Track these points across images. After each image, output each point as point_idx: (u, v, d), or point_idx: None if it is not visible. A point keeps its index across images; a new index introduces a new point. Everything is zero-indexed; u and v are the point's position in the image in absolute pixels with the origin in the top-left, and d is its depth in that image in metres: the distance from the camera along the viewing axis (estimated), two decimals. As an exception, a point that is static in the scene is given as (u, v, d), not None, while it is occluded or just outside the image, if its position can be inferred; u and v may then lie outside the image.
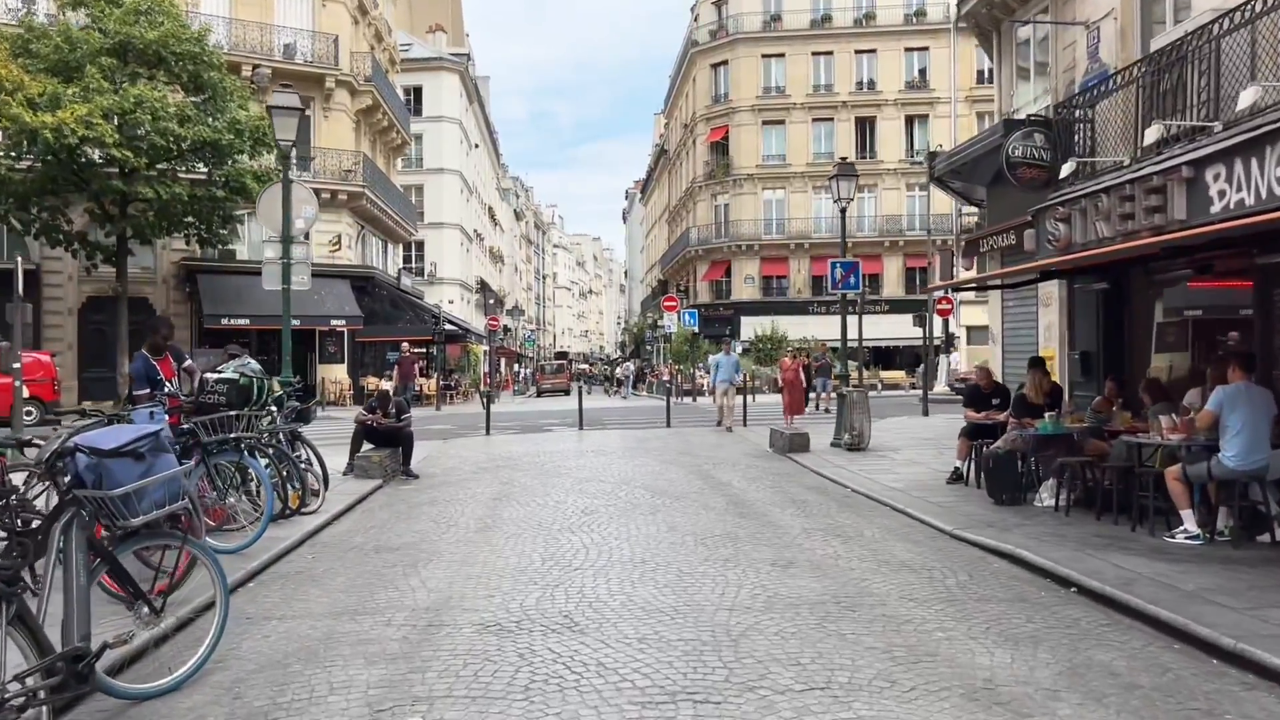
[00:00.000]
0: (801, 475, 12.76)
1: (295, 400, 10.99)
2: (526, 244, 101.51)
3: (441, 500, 10.53)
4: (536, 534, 8.31)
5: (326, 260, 32.41)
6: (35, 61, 23.21)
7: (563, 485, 11.44)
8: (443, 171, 52.73)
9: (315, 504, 9.40)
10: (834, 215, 50.25)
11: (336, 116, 32.77)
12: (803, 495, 10.84)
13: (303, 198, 11.69)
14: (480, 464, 14.04)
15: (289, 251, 11.48)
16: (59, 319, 28.92)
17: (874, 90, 50.17)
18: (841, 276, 15.80)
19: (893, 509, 9.85)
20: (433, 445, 16.94)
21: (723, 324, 49.71)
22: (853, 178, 16.16)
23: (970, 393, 11.64)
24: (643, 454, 15.18)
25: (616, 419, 24.75)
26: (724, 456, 14.84)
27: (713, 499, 10.40)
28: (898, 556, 7.51)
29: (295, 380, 11.03)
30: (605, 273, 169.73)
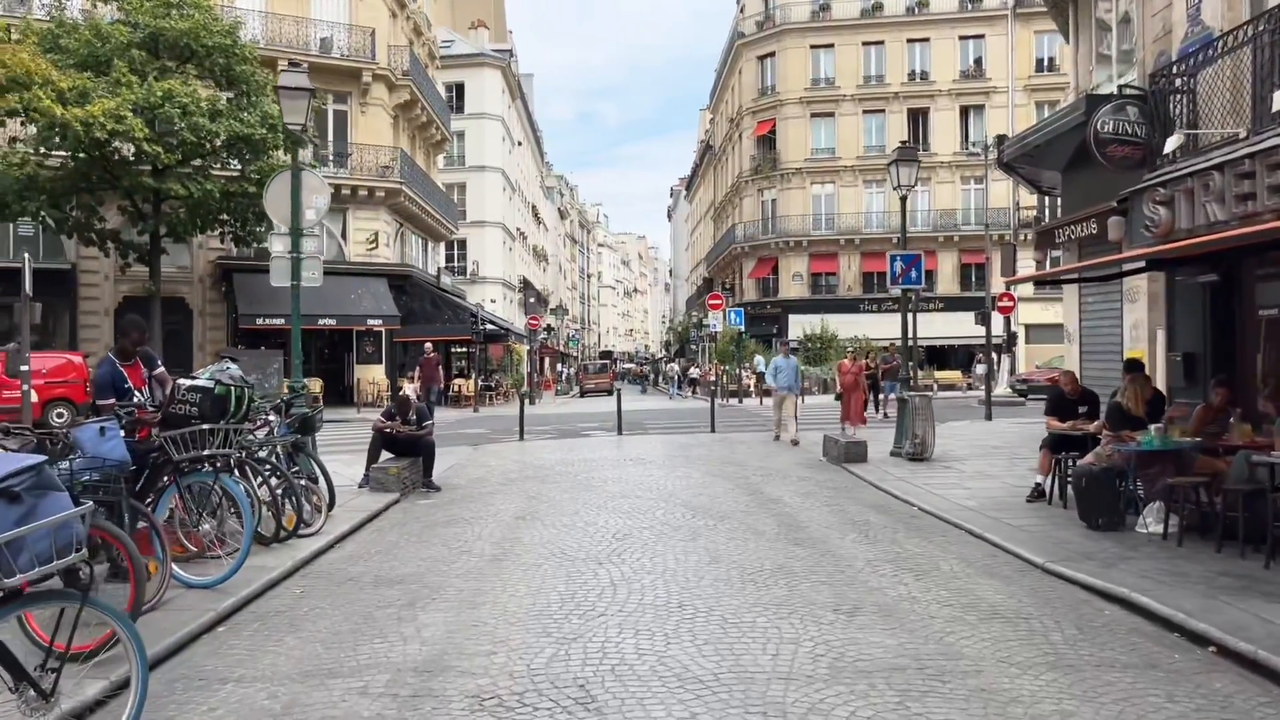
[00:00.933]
0: (860, 490, 11.53)
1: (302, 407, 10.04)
2: (571, 243, 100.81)
3: (460, 519, 9.49)
4: (558, 565, 7.22)
5: (364, 259, 31.78)
6: (65, 57, 22.73)
7: (594, 502, 10.35)
8: (484, 169, 52.04)
9: (317, 524, 8.42)
10: (886, 210, 48.81)
11: (374, 111, 32.07)
12: (863, 515, 9.63)
13: (314, 186, 10.76)
14: (509, 474, 13.01)
15: (299, 245, 10.54)
16: (95, 319, 28.55)
17: (927, 80, 48.44)
18: (902, 270, 14.51)
19: (969, 534, 8.61)
20: (462, 452, 15.98)
21: (769, 323, 48.39)
22: (914, 163, 14.87)
23: (1054, 399, 10.32)
24: (685, 463, 14.04)
25: (658, 423, 23.63)
26: (773, 467, 13.65)
27: (762, 520, 9.23)
28: (984, 599, 6.30)
29: (302, 385, 10.06)
30: (650, 271, 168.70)
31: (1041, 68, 48.89)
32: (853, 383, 17.99)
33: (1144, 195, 9.98)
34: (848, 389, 18.03)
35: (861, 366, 18.79)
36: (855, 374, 18.22)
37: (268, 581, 6.76)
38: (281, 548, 7.72)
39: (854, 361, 18.88)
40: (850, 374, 18.17)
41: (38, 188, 22.64)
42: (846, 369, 18.45)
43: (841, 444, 14.04)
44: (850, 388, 17.97)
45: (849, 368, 18.48)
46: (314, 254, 10.80)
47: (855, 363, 18.73)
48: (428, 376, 21.81)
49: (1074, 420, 9.88)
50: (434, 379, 22.14)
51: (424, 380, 21.42)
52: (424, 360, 22.73)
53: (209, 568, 6.65)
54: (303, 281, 10.83)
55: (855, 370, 18.20)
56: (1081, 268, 10.80)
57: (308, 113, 10.63)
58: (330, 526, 8.69)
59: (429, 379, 21.83)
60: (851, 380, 18.00)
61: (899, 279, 14.58)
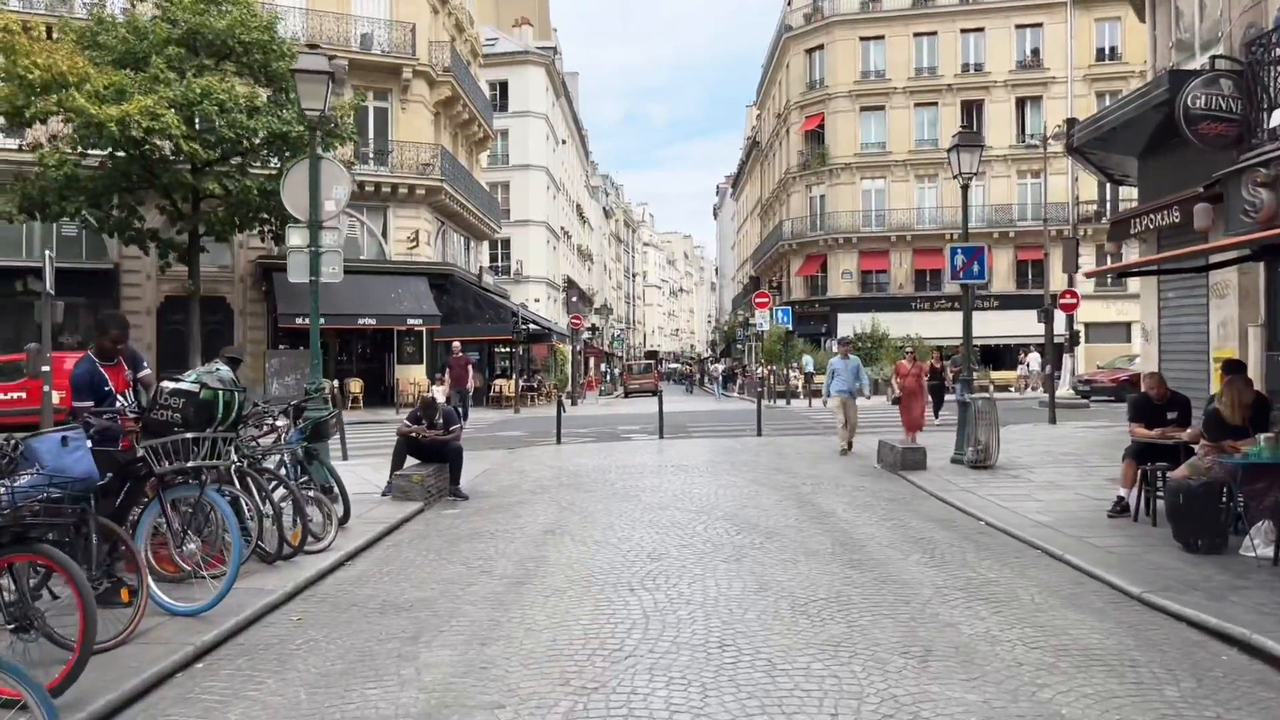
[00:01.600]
0: (920, 501, 10.61)
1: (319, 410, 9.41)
2: (616, 242, 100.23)
3: (484, 533, 8.77)
4: (585, 591, 6.45)
5: (404, 257, 31.38)
6: (103, 54, 22.54)
7: (630, 514, 9.56)
8: (528, 168, 51.57)
9: (328, 538, 7.75)
10: (938, 206, 47.42)
11: (414, 108, 31.65)
12: (927, 531, 8.73)
13: (334, 176, 10.14)
14: (542, 481, 12.28)
15: (318, 238, 9.92)
16: (138, 319, 28.37)
17: (981, 72, 46.91)
18: (963, 264, 13.50)
19: (1047, 554, 7.68)
20: (496, 456, 15.30)
21: (817, 322, 47.28)
22: (976, 148, 13.84)
23: (1138, 404, 9.30)
24: (729, 470, 13.20)
25: (702, 425, 22.79)
26: (824, 475, 12.75)
27: (814, 537, 8.38)
28: (1077, 638, 5.40)
29: (319, 387, 9.42)
30: (696, 271, 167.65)
31: (1103, 57, 47.12)
32: (914, 386, 15.83)
33: (1242, 177, 8.96)
34: (908, 393, 15.81)
35: (922, 368, 16.51)
36: (916, 376, 15.99)
37: (264, 606, 6.09)
38: (286, 566, 7.06)
39: (914, 362, 16.38)
40: (911, 376, 15.94)
41: (77, 187, 22.48)
42: (906, 370, 16.11)
43: (898, 450, 13.10)
44: (911, 392, 15.80)
45: (908, 369, 16.12)
46: (333, 248, 10.16)
47: (916, 363, 16.51)
48: (457, 377, 20.66)
49: (1163, 428, 8.87)
50: (463, 380, 20.96)
51: (453, 381, 20.48)
52: (452, 360, 21.37)
53: (200, 590, 5.99)
54: (322, 277, 10.21)
55: (916, 372, 16.08)
56: (1171, 257, 9.74)
57: (326, 98, 9.99)
58: (343, 541, 8.01)
59: (458, 380, 20.70)
60: (913, 384, 15.86)
61: (959, 273, 13.57)
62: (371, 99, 31.15)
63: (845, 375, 15.33)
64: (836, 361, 15.73)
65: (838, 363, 15.64)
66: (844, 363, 15.53)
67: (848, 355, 15.84)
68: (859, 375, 15.48)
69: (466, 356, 21.62)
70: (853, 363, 15.58)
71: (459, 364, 20.88)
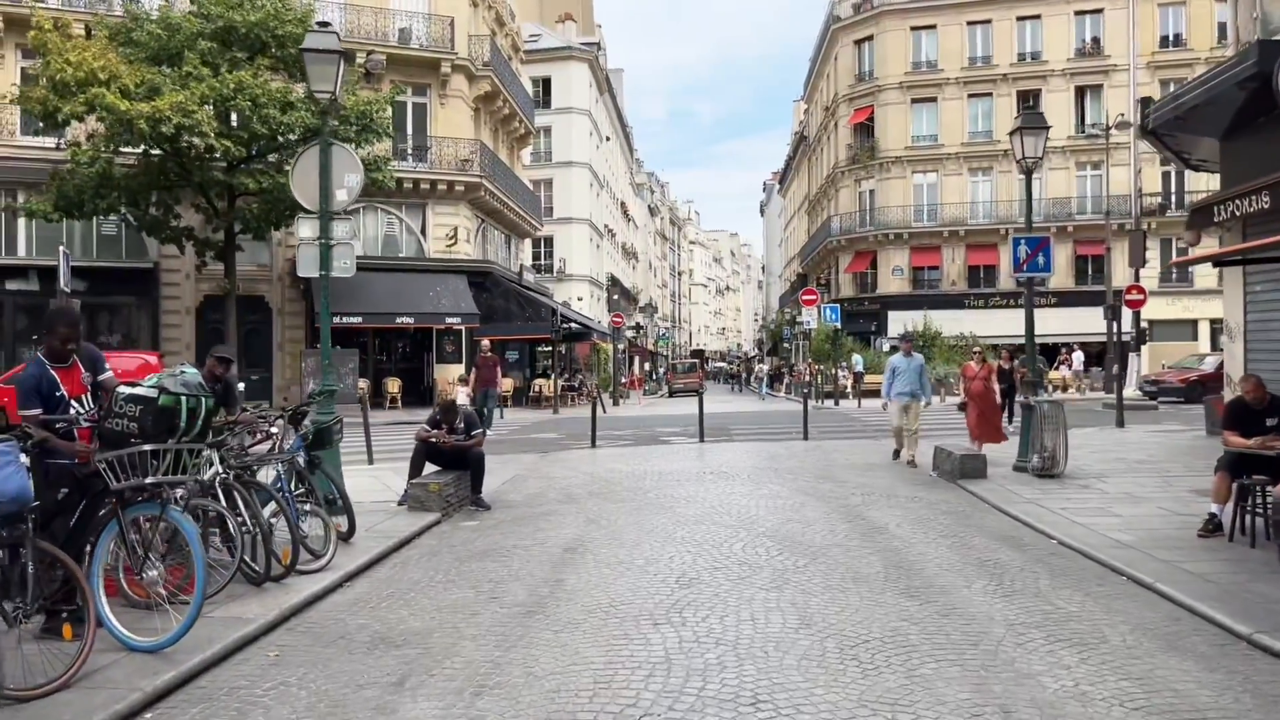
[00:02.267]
0: (983, 515, 9.66)
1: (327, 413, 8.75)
2: (661, 240, 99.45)
3: (500, 549, 8.02)
4: (602, 625, 5.66)
5: (443, 255, 30.90)
6: (137, 51, 22.29)
7: (661, 529, 8.75)
8: (571, 165, 50.99)
9: (327, 556, 7.06)
10: (992, 200, 45.87)
11: (454, 104, 31.14)
12: (992, 552, 7.81)
13: (346, 164, 9.47)
14: (571, 489, 11.52)
15: (329, 230, 9.27)
16: (177, 318, 28.32)
17: (1038, 61, 45.29)
18: (1026, 256, 12.47)
19: (1134, 582, 6.73)
20: (527, 461, 14.58)
21: (867, 319, 46.05)
22: (1041, 131, 12.78)
23: (1234, 410, 8.27)
24: (773, 478, 12.32)
25: (745, 427, 21.89)
26: (876, 484, 11.83)
27: (864, 558, 7.50)
28: (1184, 694, 4.49)
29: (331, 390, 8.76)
30: (743, 269, 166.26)
31: (1166, 44, 45.24)
32: (982, 390, 13.85)
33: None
34: (976, 398, 13.82)
35: (991, 369, 14.41)
36: (984, 379, 13.99)
37: (238, 640, 5.39)
38: (275, 589, 6.37)
39: (982, 363, 14.29)
40: (979, 379, 13.94)
41: (112, 185, 22.27)
42: (973, 373, 14.09)
43: (956, 457, 12.12)
44: (979, 397, 13.82)
45: (976, 371, 14.09)
46: (345, 240, 9.48)
47: (984, 364, 14.25)
48: (484, 379, 19.11)
49: (1262, 437, 7.84)
50: (491, 381, 19.29)
51: (480, 383, 19.11)
52: (480, 359, 19.81)
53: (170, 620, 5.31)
54: (334, 272, 9.55)
55: (984, 375, 14.04)
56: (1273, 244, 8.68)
57: (337, 80, 9.32)
58: (345, 558, 7.32)
59: (486, 381, 19.13)
60: (980, 387, 13.87)
61: (1023, 266, 12.54)
62: (410, 94, 30.71)
63: (908, 376, 13.70)
64: (897, 360, 13.95)
65: (899, 361, 13.91)
66: (906, 361, 13.84)
67: (910, 353, 14.07)
68: (923, 376, 13.83)
69: (495, 356, 20.34)
70: (916, 362, 13.87)
71: (488, 364, 19.53)
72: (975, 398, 13.83)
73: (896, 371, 13.82)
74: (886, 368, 14.15)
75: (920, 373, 13.79)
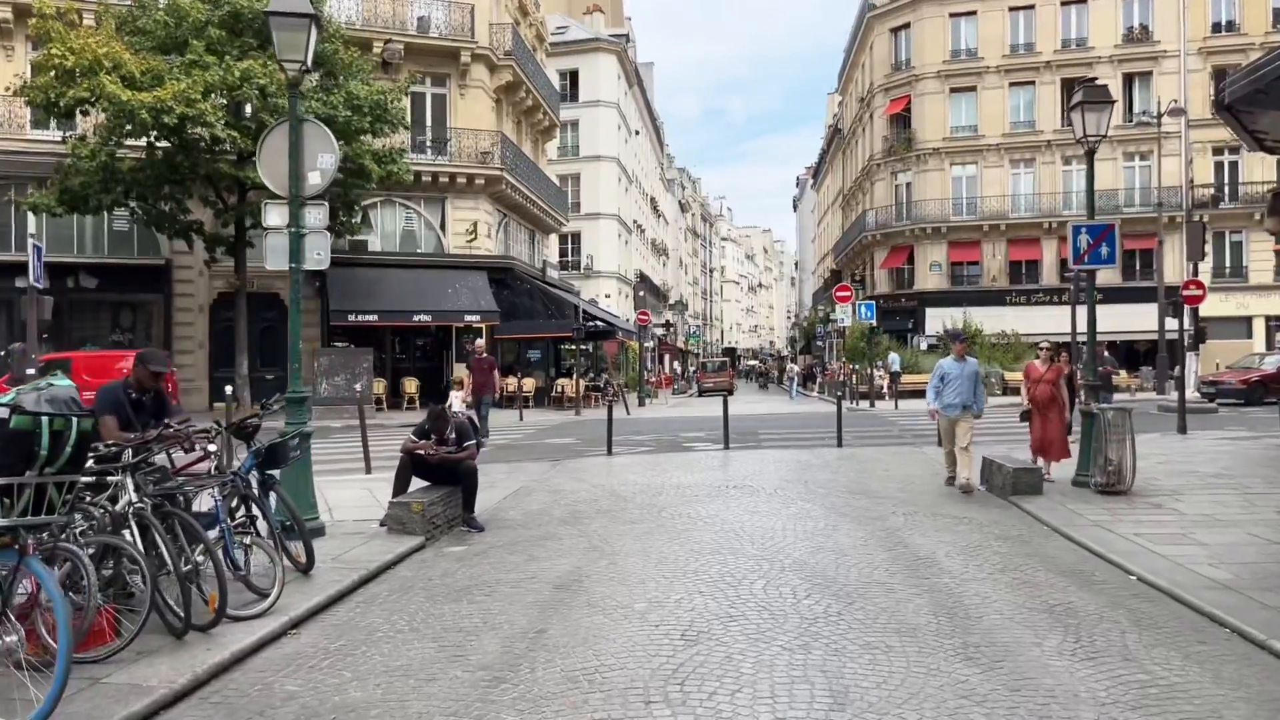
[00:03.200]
0: (1044, 542, 8.40)
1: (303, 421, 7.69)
2: (693, 236, 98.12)
3: (483, 585, 6.91)
4: (581, 702, 4.51)
5: (463, 250, 29.94)
6: (144, 39, 21.51)
7: (672, 560, 7.59)
8: (599, 159, 49.91)
9: (271, 597, 5.98)
10: (1035, 193, 44.11)
11: (474, 94, 30.15)
12: (1061, 591, 6.58)
13: (319, 142, 8.42)
14: (578, 506, 10.39)
15: (300, 217, 8.23)
16: (190, 315, 27.61)
17: (1084, 47, 43.50)
18: (1089, 246, 11.15)
19: (1243, 638, 5.49)
20: (535, 471, 13.47)
21: (904, 317, 44.54)
22: (1105, 105, 11.46)
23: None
24: (802, 493, 11.11)
25: (774, 431, 20.65)
26: (918, 500, 10.58)
27: (910, 601, 6.30)
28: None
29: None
30: (775, 265, 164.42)
31: (1219, 29, 43.25)
32: (1047, 395, 11.48)
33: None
34: (1041, 404, 11.49)
35: (1061, 370, 11.91)
36: (1051, 383, 11.56)
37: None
38: (200, 641, 5.30)
39: (1049, 363, 11.82)
40: (1046, 382, 11.54)
41: (117, 179, 21.51)
42: (1038, 373, 11.69)
43: (1008, 470, 10.84)
44: (1045, 403, 11.47)
45: (1041, 372, 11.68)
46: (318, 228, 8.42)
47: (1051, 365, 11.80)
48: (480, 383, 16.96)
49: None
50: (487, 386, 17.04)
51: (475, 387, 17.02)
52: (476, 360, 17.58)
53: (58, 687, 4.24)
54: (307, 264, 8.52)
55: (1051, 377, 11.62)
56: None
57: (308, 48, 8.26)
58: (297, 597, 6.24)
59: (481, 386, 16.95)
60: (1045, 392, 11.49)
61: (1084, 257, 11.22)
62: (429, 85, 29.81)
63: (959, 384, 11.21)
64: (948, 364, 11.47)
65: (950, 366, 11.43)
66: (958, 366, 11.34)
67: (964, 355, 11.55)
68: (978, 385, 11.36)
69: (491, 358, 18.28)
70: (970, 367, 11.40)
71: (482, 366, 17.31)
72: (1041, 405, 11.51)
73: (946, 378, 11.39)
74: (933, 373, 11.64)
75: (975, 380, 11.34)
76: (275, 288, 28.46)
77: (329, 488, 11.56)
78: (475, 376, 17.12)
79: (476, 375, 17.11)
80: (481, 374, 17.11)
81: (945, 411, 11.37)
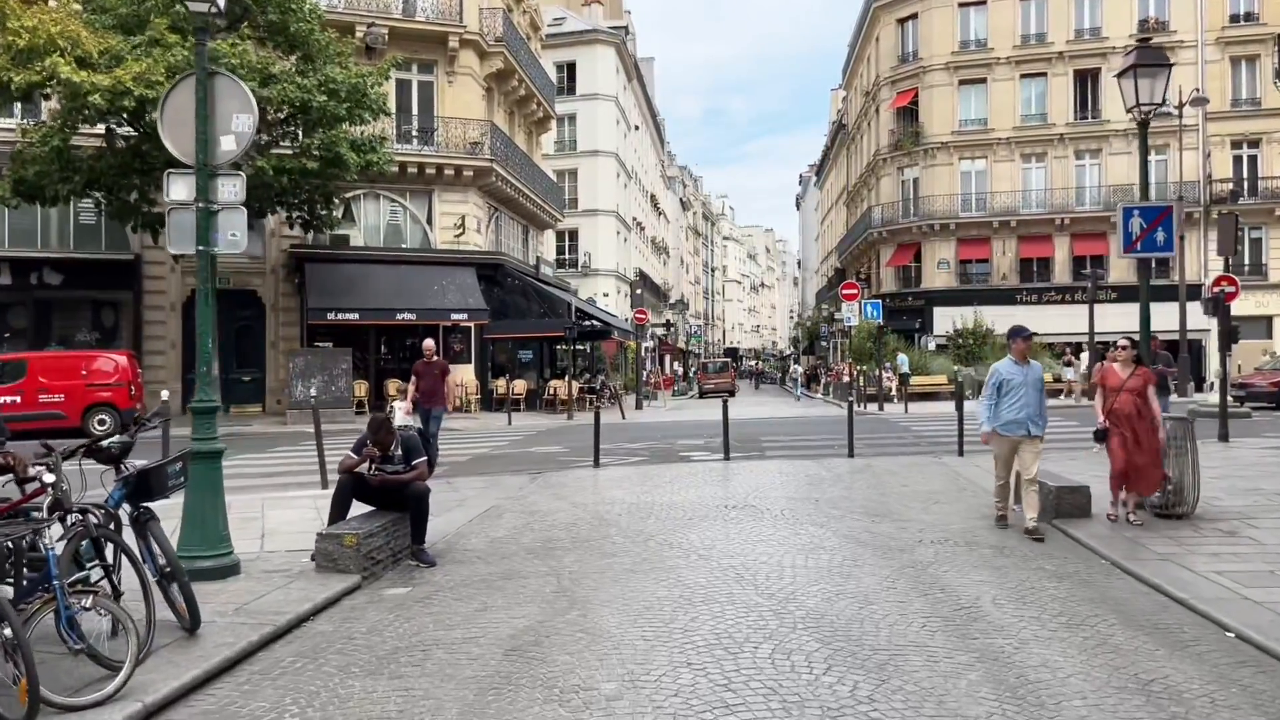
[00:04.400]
0: (1107, 582, 6.96)
1: (201, 437, 6.25)
2: (694, 235, 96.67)
3: (416, 647, 5.46)
4: None
5: (450, 245, 28.51)
6: (104, 17, 20.09)
7: (657, 609, 6.15)
8: (597, 154, 48.49)
9: (122, 675, 4.53)
10: (1046, 188, 42.58)
11: (463, 82, 28.72)
12: (1149, 658, 5.14)
13: (233, 101, 6.96)
14: (552, 531, 8.94)
15: (210, 190, 6.81)
16: (161, 314, 26.18)
17: (1098, 37, 42.03)
18: (1142, 231, 9.70)
19: None
20: (511, 486, 12.02)
21: (911, 316, 43.08)
22: (1161, 69, 9.99)
23: None
24: (813, 515, 9.66)
25: (779, 438, 19.19)
26: (948, 525, 9.13)
27: (960, 675, 4.85)
28: None
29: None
30: (778, 265, 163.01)
31: (1237, 20, 41.80)
32: (1134, 409, 8.67)
33: None
34: (1125, 420, 8.69)
35: (1149, 377, 8.91)
36: (1139, 391, 8.72)
37: None
38: (4, 746, 3.87)
39: (1134, 364, 8.95)
40: (1130, 391, 8.72)
41: (75, 167, 20.09)
42: (1118, 380, 8.83)
43: (1050, 490, 9.33)
44: (1130, 419, 8.68)
45: (1123, 378, 8.80)
46: (233, 203, 6.98)
47: (1138, 368, 8.91)
48: (428, 391, 13.38)
49: None
50: (436, 396, 13.54)
51: (421, 396, 13.38)
52: (421, 365, 13.73)
53: None
54: (220, 247, 7.08)
55: (1137, 384, 8.75)
56: None
57: (220, -16, 6.81)
58: (162, 672, 4.80)
59: (429, 395, 13.41)
60: (1132, 405, 8.66)
61: (1136, 243, 9.77)
62: (415, 72, 28.39)
63: (1024, 395, 8.56)
64: (1007, 369, 8.74)
65: (1010, 370, 8.71)
66: (1021, 372, 8.67)
67: (1028, 357, 8.85)
68: (1043, 396, 8.75)
69: (443, 361, 14.42)
70: (1034, 372, 8.75)
71: (431, 371, 13.61)
72: (1124, 420, 8.70)
73: (1005, 386, 8.65)
74: (987, 380, 8.90)
75: (1038, 393, 8.68)
76: (252, 285, 27.12)
77: (274, 507, 10.17)
78: (421, 384, 13.41)
79: (424, 382, 13.41)
80: (431, 380, 13.47)
81: (1003, 431, 8.68)
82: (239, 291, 26.49)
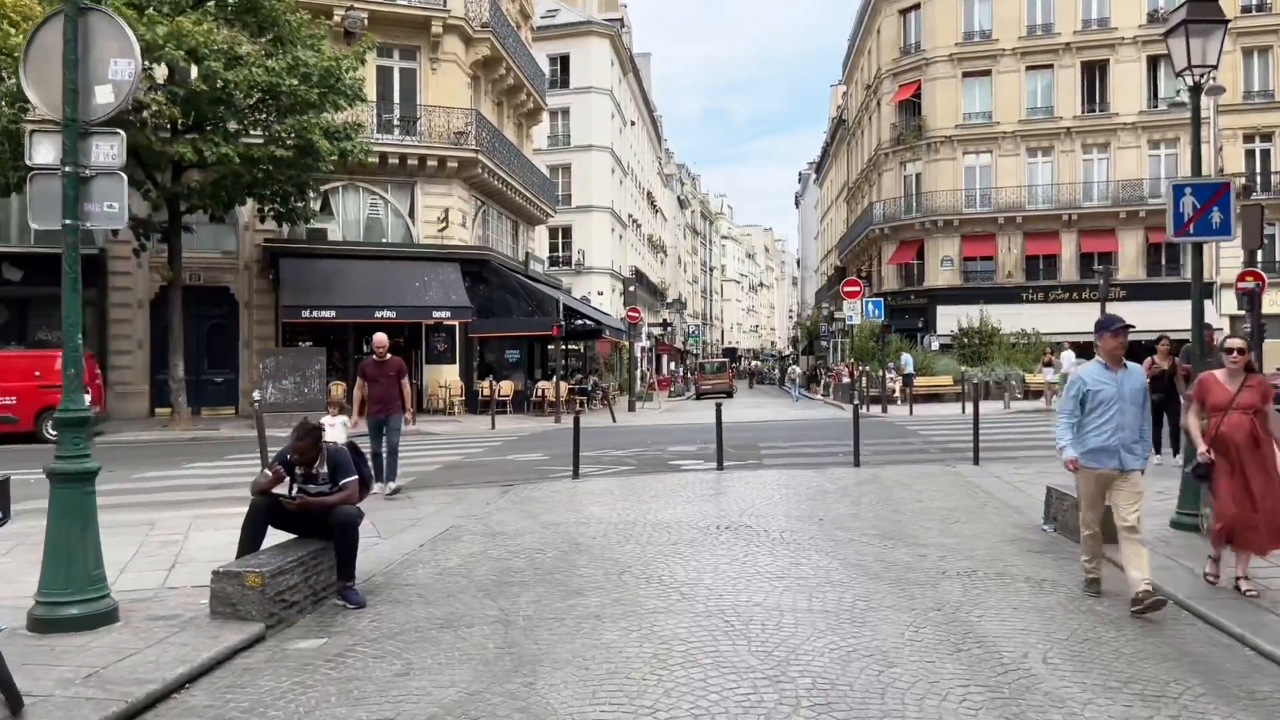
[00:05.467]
0: (1177, 629, 5.70)
1: (68, 453, 5.00)
2: (692, 234, 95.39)
3: (304, 733, 4.22)
4: None
5: (434, 240, 27.24)
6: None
7: (623, 677, 4.88)
8: (591, 148, 47.20)
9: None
10: (1053, 183, 41.28)
11: (447, 69, 27.45)
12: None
13: (112, 42, 5.71)
14: (512, 560, 7.67)
15: (81, 151, 5.56)
16: (127, 312, 24.91)
17: (1106, 28, 40.81)
18: (1195, 212, 8.44)
19: None
20: (477, 501, 10.74)
21: (913, 315, 41.88)
22: (1217, 26, 8.70)
23: None
24: (817, 538, 8.39)
25: (778, 444, 17.93)
26: (974, 550, 7.87)
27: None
28: None
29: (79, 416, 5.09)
30: (777, 265, 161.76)
31: (1249, 10, 40.53)
32: (1243, 435, 6.23)
33: None
34: (1233, 446, 6.27)
35: (1268, 388, 6.40)
36: (1256, 409, 6.29)
37: None
38: None
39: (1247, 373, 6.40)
40: (1243, 409, 6.28)
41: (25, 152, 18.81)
42: (1226, 396, 6.38)
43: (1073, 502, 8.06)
44: (1241, 445, 6.23)
45: (1231, 392, 6.36)
46: (110, 167, 5.72)
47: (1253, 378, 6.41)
48: (381, 396, 10.96)
49: None
50: (393, 402, 11.01)
51: (374, 403, 11.01)
52: (371, 366, 11.32)
53: None
54: (95, 221, 5.83)
55: (1254, 400, 6.32)
56: None
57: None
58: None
59: (384, 402, 10.99)
60: (1247, 429, 6.25)
61: (1188, 225, 8.51)
62: (397, 58, 27.15)
63: (1119, 410, 6.14)
64: (1095, 374, 6.29)
65: (1098, 376, 6.26)
66: (1114, 379, 6.20)
67: (1122, 359, 6.23)
68: (1146, 404, 6.28)
69: (398, 360, 11.50)
70: (1135, 380, 6.24)
71: (385, 373, 11.12)
72: (1233, 449, 6.29)
73: (1091, 400, 6.22)
74: (1067, 391, 6.48)
75: (1143, 406, 6.24)
76: (224, 281, 25.87)
77: (203, 527, 8.92)
78: (374, 389, 10.99)
79: (376, 387, 10.98)
80: (385, 384, 10.98)
81: (1088, 463, 6.21)
82: (210, 288, 25.25)
